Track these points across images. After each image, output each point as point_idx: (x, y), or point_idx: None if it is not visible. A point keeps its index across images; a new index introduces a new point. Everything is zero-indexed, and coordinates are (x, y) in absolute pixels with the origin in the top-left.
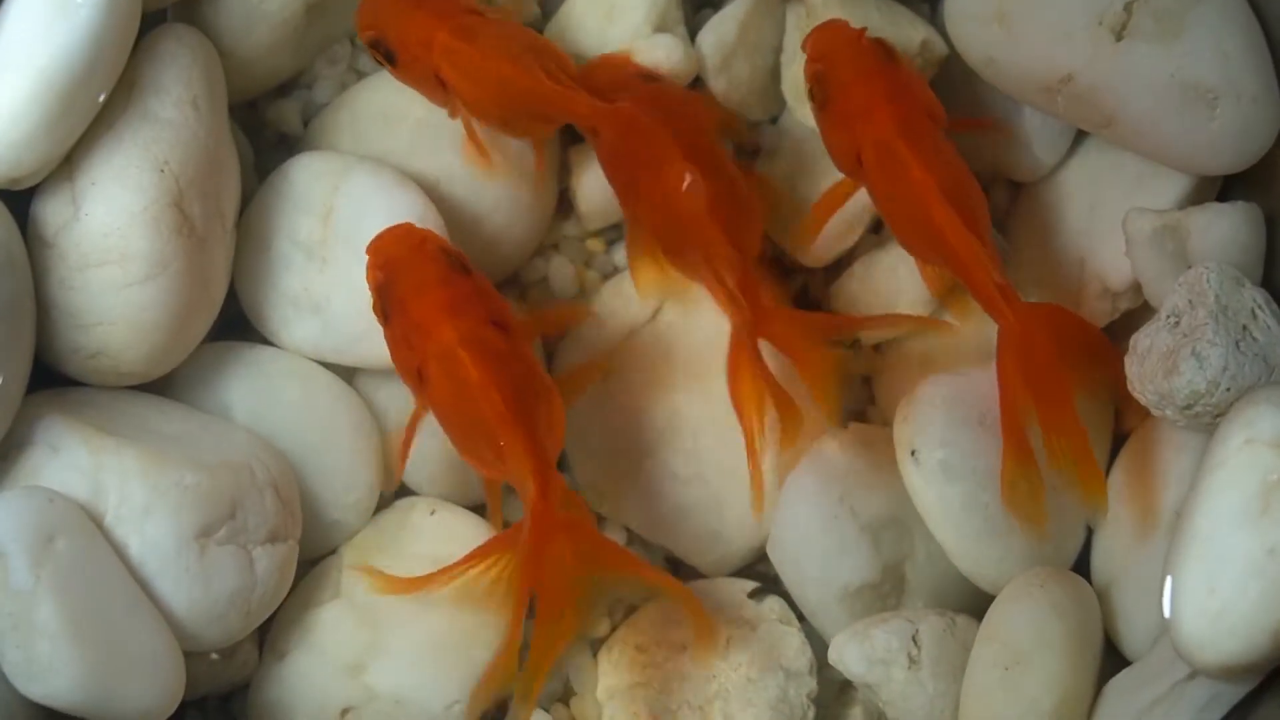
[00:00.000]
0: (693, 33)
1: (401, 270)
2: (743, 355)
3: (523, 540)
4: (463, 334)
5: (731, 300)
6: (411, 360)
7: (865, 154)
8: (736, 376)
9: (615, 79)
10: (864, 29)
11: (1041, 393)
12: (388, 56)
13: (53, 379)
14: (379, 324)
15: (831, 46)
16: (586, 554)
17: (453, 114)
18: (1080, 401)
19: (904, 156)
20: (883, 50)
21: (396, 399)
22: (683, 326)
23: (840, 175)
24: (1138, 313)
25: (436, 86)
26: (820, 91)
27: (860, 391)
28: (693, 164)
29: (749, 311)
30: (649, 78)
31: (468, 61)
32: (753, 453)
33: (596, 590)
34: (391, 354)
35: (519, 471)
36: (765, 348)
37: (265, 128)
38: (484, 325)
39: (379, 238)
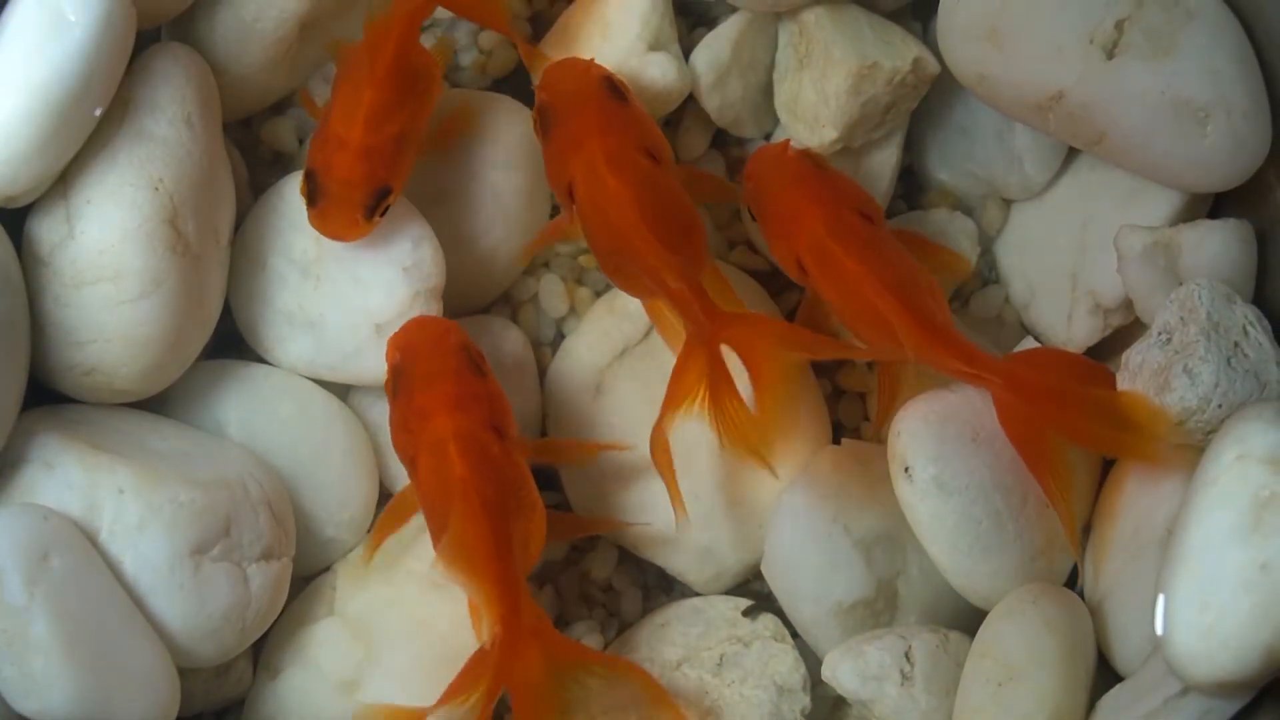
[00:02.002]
0: (686, 51)
1: (417, 357)
2: (697, 362)
3: (492, 657)
4: (458, 430)
5: (686, 306)
6: (408, 446)
7: (803, 258)
8: (681, 381)
9: (578, 88)
10: (787, 141)
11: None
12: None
13: (47, 396)
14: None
15: (759, 165)
16: (555, 659)
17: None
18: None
19: (835, 253)
20: (808, 159)
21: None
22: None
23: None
24: (1129, 329)
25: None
26: (755, 208)
27: (855, 408)
28: (618, 176)
29: (705, 317)
30: (614, 92)
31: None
32: (663, 453)
33: (572, 694)
34: (391, 436)
35: (484, 584)
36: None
37: (260, 145)
38: (482, 427)
39: (408, 323)
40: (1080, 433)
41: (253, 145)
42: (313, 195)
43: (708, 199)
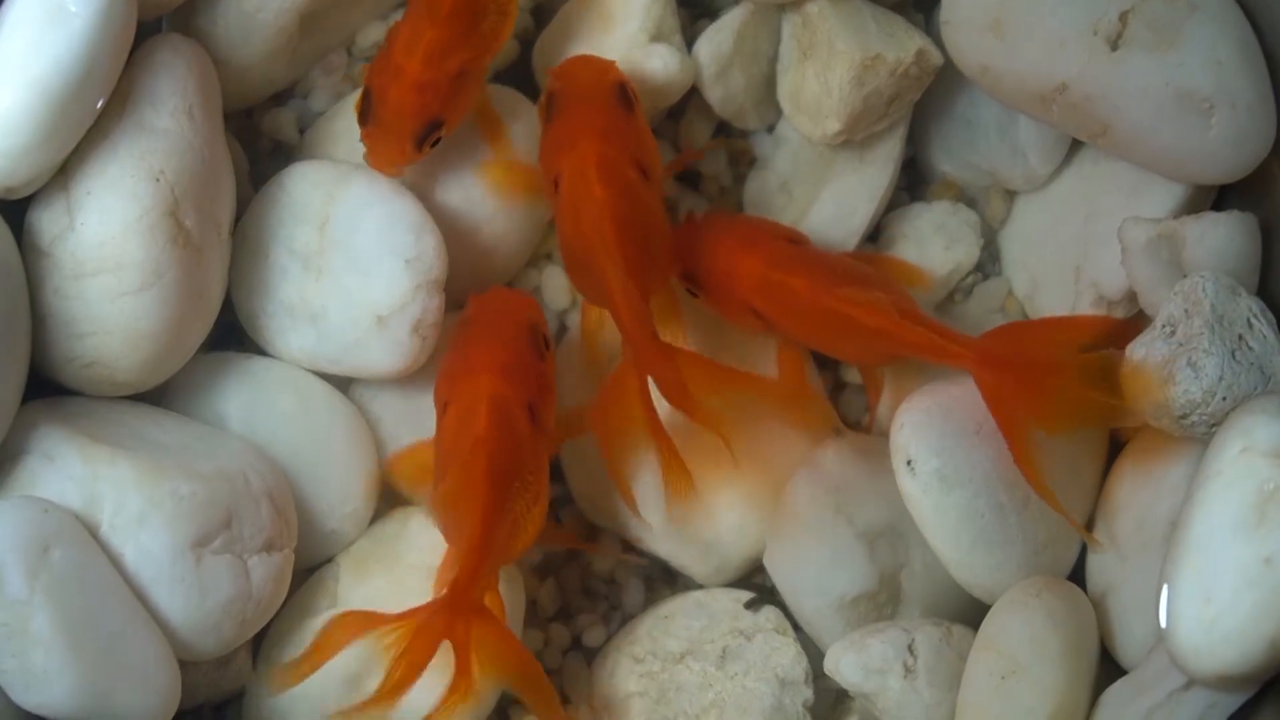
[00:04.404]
0: (689, 42)
1: (486, 318)
2: (628, 385)
3: (424, 615)
4: (495, 394)
5: (628, 331)
6: (445, 393)
7: (752, 302)
8: (612, 400)
9: (590, 85)
10: (690, 213)
11: (1035, 408)
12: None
13: (48, 388)
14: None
15: (691, 243)
16: (483, 645)
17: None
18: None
19: (781, 281)
20: (721, 216)
21: (391, 409)
22: (677, 341)
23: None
24: (1133, 322)
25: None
26: (694, 281)
27: (857, 400)
28: (604, 184)
29: (641, 347)
30: (624, 99)
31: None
32: (618, 478)
33: (479, 679)
34: (436, 381)
35: (458, 542)
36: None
37: (261, 137)
38: (519, 402)
39: (492, 288)
40: (1059, 406)
41: (254, 136)
42: (364, 116)
43: None
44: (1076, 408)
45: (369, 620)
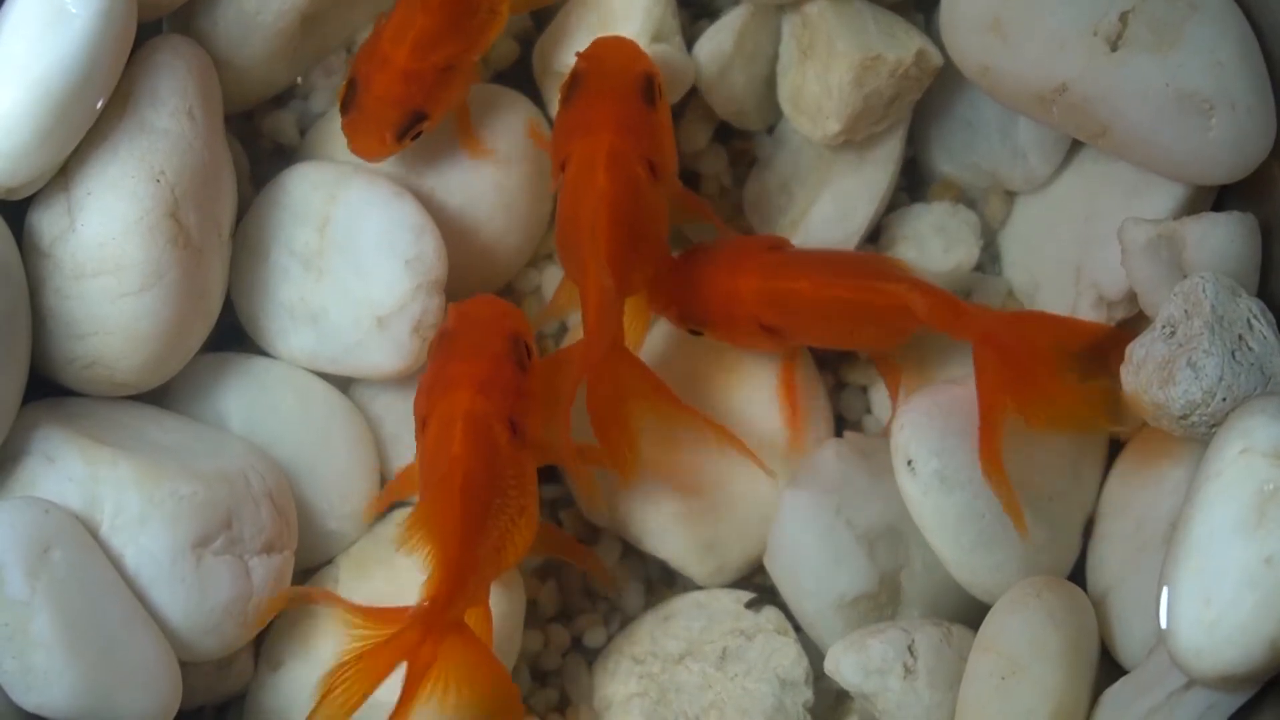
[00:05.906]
0: (689, 43)
1: (468, 328)
2: (570, 375)
3: (401, 631)
4: (472, 411)
5: (591, 328)
6: (424, 408)
7: (762, 318)
8: (560, 385)
9: (616, 73)
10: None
11: (1021, 396)
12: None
13: (49, 389)
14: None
15: (680, 282)
16: (459, 662)
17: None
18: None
19: (785, 288)
20: (700, 249)
21: (392, 409)
22: (678, 341)
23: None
24: (1133, 322)
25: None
26: (693, 319)
27: (857, 401)
28: (610, 178)
29: (598, 346)
30: (647, 92)
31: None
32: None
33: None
34: (416, 396)
35: (435, 563)
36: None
37: (261, 138)
38: (498, 418)
39: (476, 297)
40: (1044, 401)
41: (254, 137)
42: (347, 104)
43: (690, 219)
44: (1061, 408)
45: (358, 612)
